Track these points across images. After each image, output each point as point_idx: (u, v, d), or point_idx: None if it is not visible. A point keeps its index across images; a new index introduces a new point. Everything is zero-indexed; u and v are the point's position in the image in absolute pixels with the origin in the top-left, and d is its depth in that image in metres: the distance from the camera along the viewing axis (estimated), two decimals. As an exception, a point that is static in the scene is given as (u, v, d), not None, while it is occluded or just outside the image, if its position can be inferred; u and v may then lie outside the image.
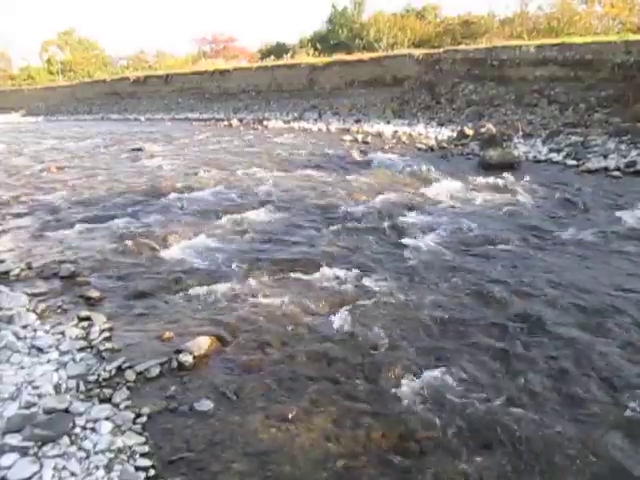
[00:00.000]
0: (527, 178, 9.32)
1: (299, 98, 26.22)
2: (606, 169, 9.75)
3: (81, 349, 3.99)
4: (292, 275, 5.33)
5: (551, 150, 11.49)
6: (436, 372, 3.65)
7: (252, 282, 5.14)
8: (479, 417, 3.22)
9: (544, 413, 3.25)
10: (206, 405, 3.36)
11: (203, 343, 3.96)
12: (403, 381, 3.57)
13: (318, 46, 30.79)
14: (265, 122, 23.32)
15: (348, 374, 3.70)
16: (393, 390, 3.49)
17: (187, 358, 3.79)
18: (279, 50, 35.04)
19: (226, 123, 24.21)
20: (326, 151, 13.88)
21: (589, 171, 9.80)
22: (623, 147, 10.94)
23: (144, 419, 3.22)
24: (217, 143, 16.91)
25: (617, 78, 14.93)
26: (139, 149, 15.33)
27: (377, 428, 3.17)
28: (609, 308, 4.50)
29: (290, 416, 3.26)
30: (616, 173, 9.45)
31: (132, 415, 3.25)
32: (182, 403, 3.40)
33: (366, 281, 5.14)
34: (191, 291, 5.00)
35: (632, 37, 16.15)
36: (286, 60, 29.83)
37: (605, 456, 2.92)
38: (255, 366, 3.80)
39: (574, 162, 10.48)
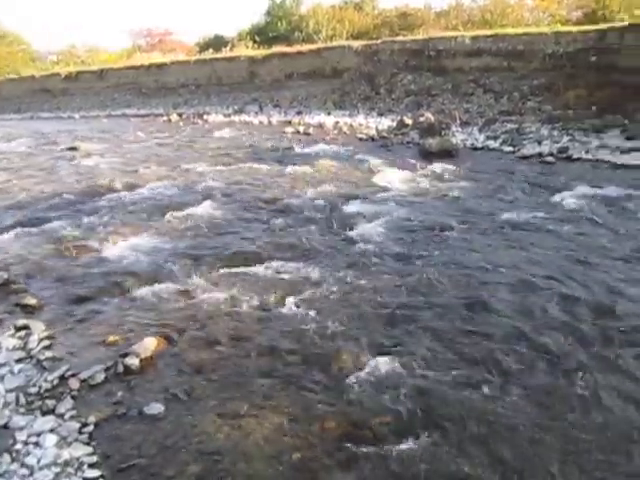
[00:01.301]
0: (466, 165, 9.59)
1: (239, 91, 25.86)
2: (540, 155, 10.15)
3: (19, 360, 3.80)
4: (238, 270, 5.26)
5: (488, 137, 11.86)
6: (386, 358, 3.71)
7: (198, 279, 5.05)
8: (430, 399, 3.31)
9: (493, 391, 3.36)
10: (156, 408, 3.27)
11: (149, 344, 3.86)
12: (354, 369, 3.61)
13: (257, 39, 30.45)
14: (206, 116, 22.88)
15: (299, 366, 3.71)
16: (345, 378, 3.52)
17: (133, 361, 3.68)
18: (218, 43, 34.39)
19: (165, 118, 23.59)
20: (268, 144, 13.78)
21: (524, 157, 10.18)
22: (555, 133, 11.43)
23: (91, 428, 3.11)
24: (157, 139, 16.46)
25: (548, 68, 15.56)
26: (74, 148, 14.69)
27: (331, 418, 3.19)
28: (546, 286, 4.70)
29: (243, 413, 3.22)
30: (549, 158, 9.86)
31: (78, 425, 3.12)
32: (131, 408, 3.29)
33: (313, 272, 5.15)
34: (135, 292, 4.85)
35: (561, 29, 16.87)
36: (225, 53, 29.30)
37: (548, 427, 3.05)
38: (205, 364, 3.74)
39: (510, 148, 10.86)
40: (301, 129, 16.30)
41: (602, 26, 15.43)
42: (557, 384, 3.43)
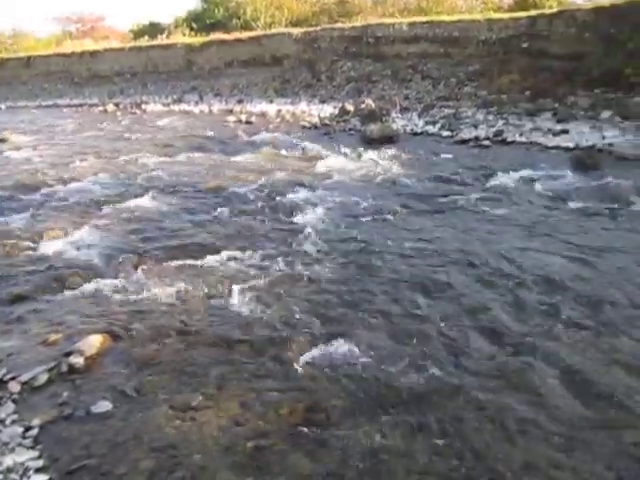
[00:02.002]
0: (406, 150, 9.79)
1: (177, 80, 25.20)
2: (477, 138, 10.47)
3: (-48, 366, 3.60)
4: (184, 261, 5.18)
5: (427, 123, 12.11)
6: (336, 342, 3.76)
7: (142, 273, 4.94)
8: (381, 380, 3.38)
9: (441, 370, 3.47)
10: (104, 406, 3.19)
11: (94, 342, 3.75)
12: (306, 354, 3.65)
13: (194, 26, 29.67)
14: (144, 106, 22.19)
15: (250, 355, 3.70)
16: (296, 365, 3.55)
17: (78, 360, 3.57)
18: (153, 30, 33.26)
19: (101, 108, 22.69)
20: (210, 133, 13.55)
21: (462, 141, 10.47)
22: (491, 118, 11.81)
23: (35, 432, 3.00)
24: (92, 130, 15.84)
25: (482, 54, 16.01)
26: (2, 140, 13.94)
27: (284, 404, 3.20)
28: (486, 264, 4.89)
29: (195, 405, 3.20)
30: (486, 142, 10.19)
31: (21, 429, 3.00)
32: (77, 408, 3.20)
33: (259, 260, 5.15)
34: (76, 289, 4.69)
35: (494, 15, 17.35)
36: (161, 40, 28.42)
37: (498, 406, 3.18)
38: (153, 358, 3.67)
39: (448, 133, 11.14)
40: (243, 118, 16.10)
41: (532, 13, 16.00)
42: (504, 361, 3.57)
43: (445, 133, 11.25)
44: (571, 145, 9.39)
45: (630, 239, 5.38)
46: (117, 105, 23.20)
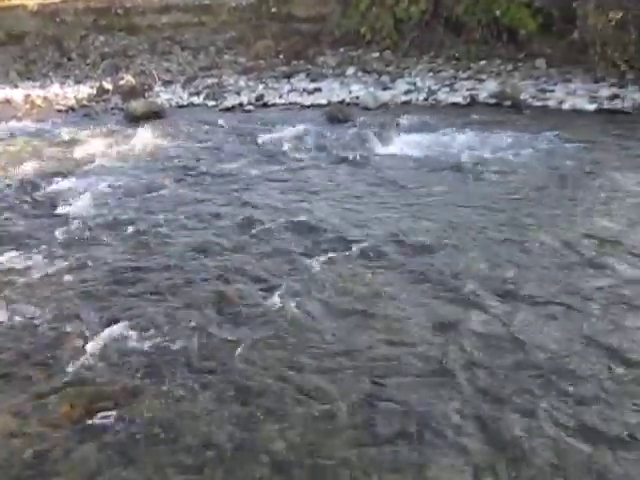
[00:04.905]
0: (173, 124, 9.65)
1: None
2: (241, 105, 10.74)
3: None
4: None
5: (191, 94, 12.00)
6: (115, 327, 3.72)
7: None
8: (161, 352, 3.47)
9: (218, 336, 3.66)
10: None
11: None
12: (84, 346, 3.54)
13: None
14: None
15: (22, 361, 3.47)
16: (76, 359, 3.43)
17: None
18: None
19: None
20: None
21: (227, 109, 10.64)
22: (251, 83, 12.16)
23: None
24: None
25: (236, 21, 16.20)
26: None
27: (65, 402, 3.09)
28: (260, 221, 5.23)
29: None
30: (249, 107, 10.54)
31: None
32: None
33: (25, 260, 4.74)
34: None
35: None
36: None
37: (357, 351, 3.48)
38: None
39: (213, 102, 11.20)
40: (-19, 108, 14.04)
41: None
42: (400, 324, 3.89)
43: (210, 103, 11.30)
44: (324, 102, 10.22)
45: (367, 175, 6.29)
46: None
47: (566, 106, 8.94)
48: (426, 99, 10.02)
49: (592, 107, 8.73)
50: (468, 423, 2.79)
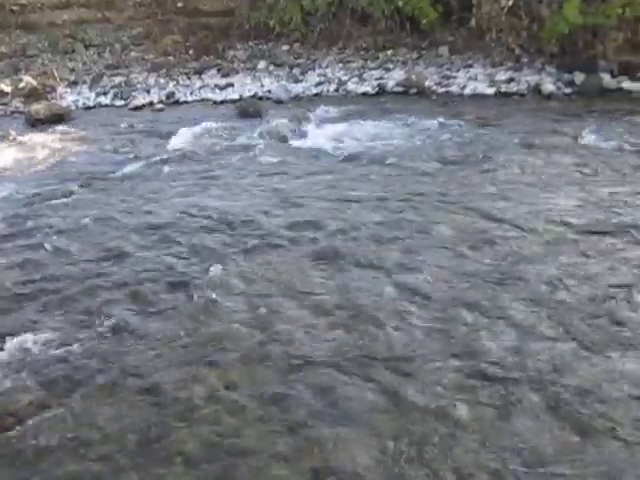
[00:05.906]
0: (80, 126, 9.30)
1: None
2: (151, 103, 10.48)
3: None
4: None
5: (98, 94, 11.53)
6: (23, 337, 3.61)
7: None
8: (69, 362, 3.40)
9: (136, 343, 3.62)
10: None
11: None
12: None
13: None
14: None
15: None
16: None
17: None
18: None
19: None
20: None
21: (137, 108, 10.35)
22: (162, 81, 11.84)
23: None
24: None
25: (142, 16, 15.67)
26: None
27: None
28: (175, 221, 5.20)
29: None
30: (159, 106, 10.28)
31: None
32: None
33: None
34: None
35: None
36: None
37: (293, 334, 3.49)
38: None
39: (122, 102, 10.85)
40: None
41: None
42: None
43: (119, 102, 10.94)
44: (237, 97, 10.16)
45: (276, 168, 6.48)
46: None
47: (467, 91, 9.40)
48: (337, 90, 10.21)
49: (491, 91, 9.22)
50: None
